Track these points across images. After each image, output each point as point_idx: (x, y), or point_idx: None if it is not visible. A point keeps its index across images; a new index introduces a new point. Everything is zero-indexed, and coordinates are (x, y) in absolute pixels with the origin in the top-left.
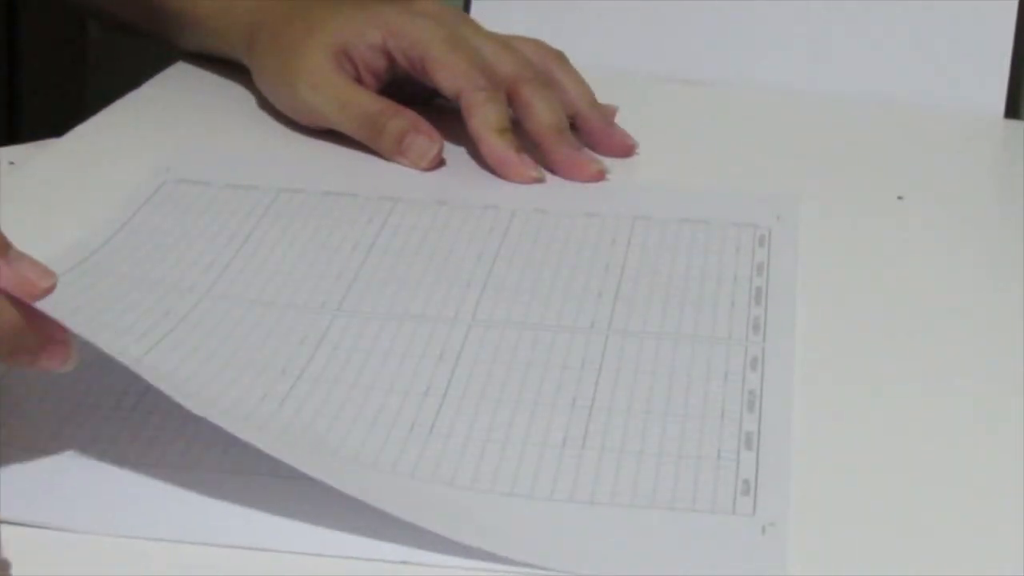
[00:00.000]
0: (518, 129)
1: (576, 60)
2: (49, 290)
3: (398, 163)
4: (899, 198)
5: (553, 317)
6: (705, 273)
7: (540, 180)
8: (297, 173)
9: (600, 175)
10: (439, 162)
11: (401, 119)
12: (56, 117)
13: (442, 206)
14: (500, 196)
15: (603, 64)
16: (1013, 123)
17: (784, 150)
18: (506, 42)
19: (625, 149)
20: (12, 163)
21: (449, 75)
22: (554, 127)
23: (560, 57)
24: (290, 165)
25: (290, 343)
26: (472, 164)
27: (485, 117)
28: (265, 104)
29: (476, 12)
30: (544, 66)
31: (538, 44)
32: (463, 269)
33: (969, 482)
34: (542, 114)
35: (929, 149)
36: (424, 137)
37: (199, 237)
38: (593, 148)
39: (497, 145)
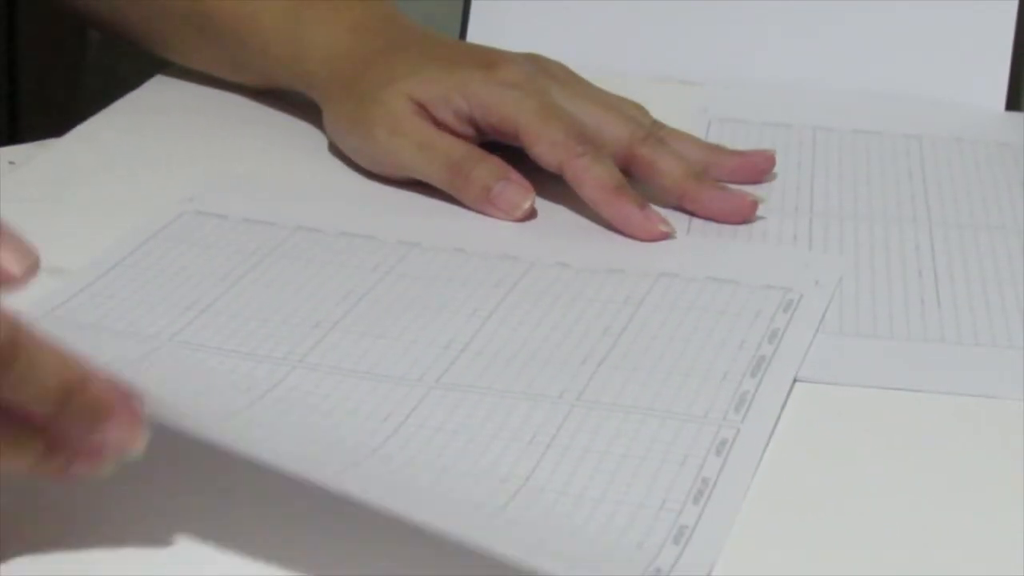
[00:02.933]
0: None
1: (575, 61)
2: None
3: (483, 213)
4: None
5: (523, 383)
6: (710, 338)
7: (671, 235)
8: (318, 209)
9: (755, 206)
10: (531, 215)
11: (490, 165)
12: (56, 117)
13: (459, 254)
14: (521, 246)
15: (602, 65)
16: (1013, 115)
17: (786, 149)
18: (603, 100)
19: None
20: (12, 163)
21: (547, 148)
22: (689, 175)
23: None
24: (311, 198)
25: (233, 394)
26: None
27: (597, 179)
28: (273, 103)
29: (476, 12)
30: (648, 123)
31: (636, 105)
32: (450, 325)
33: None
34: (670, 166)
35: (931, 141)
36: (516, 186)
37: (190, 276)
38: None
39: (619, 205)
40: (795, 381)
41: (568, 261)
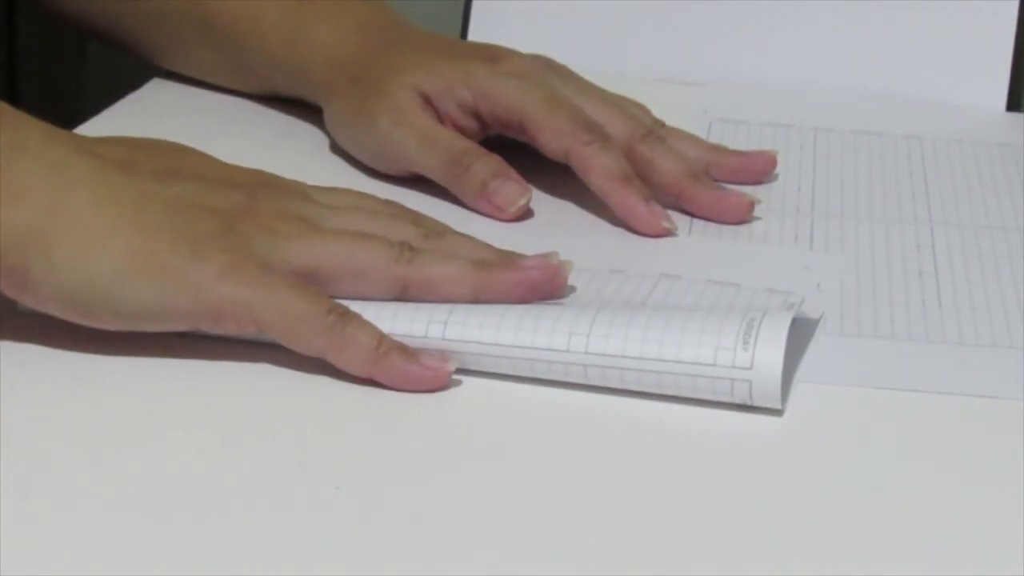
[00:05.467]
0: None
1: (575, 61)
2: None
3: (478, 209)
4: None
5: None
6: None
7: (672, 232)
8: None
9: (752, 207)
10: (525, 213)
11: (489, 161)
12: (56, 118)
13: None
14: (523, 245)
15: (602, 65)
16: (1014, 116)
17: (786, 149)
18: (606, 98)
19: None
20: None
21: (553, 136)
22: (686, 174)
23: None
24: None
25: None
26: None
27: (604, 167)
28: (274, 104)
29: (476, 12)
30: (649, 121)
31: (638, 104)
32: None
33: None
34: (668, 165)
35: (931, 141)
36: (513, 183)
37: None
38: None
39: (626, 195)
40: (795, 382)
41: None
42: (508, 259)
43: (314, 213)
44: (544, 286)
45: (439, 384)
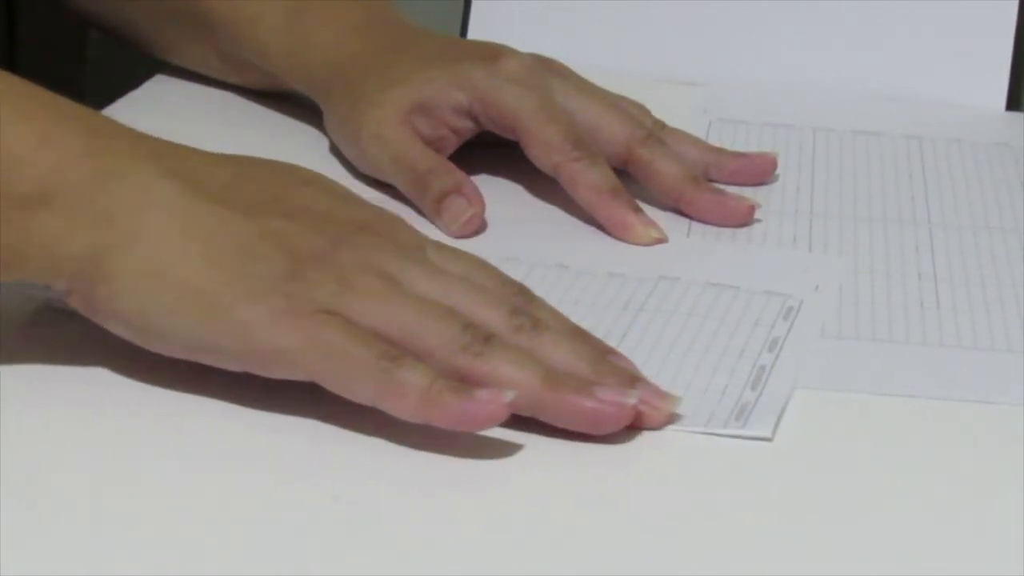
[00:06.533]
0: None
1: (575, 61)
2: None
3: (439, 227)
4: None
5: None
6: (710, 348)
7: (663, 241)
8: None
9: (752, 211)
10: (477, 228)
11: (447, 179)
12: None
13: None
14: (522, 248)
15: (602, 65)
16: (1013, 115)
17: (786, 150)
18: (605, 98)
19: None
20: None
21: (543, 150)
22: (686, 177)
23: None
24: None
25: None
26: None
27: (591, 182)
28: (274, 103)
29: (476, 12)
30: (649, 123)
31: (638, 104)
32: None
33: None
34: (668, 168)
35: (931, 141)
36: (463, 200)
37: None
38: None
39: (615, 208)
40: (794, 388)
41: (568, 263)
42: (585, 381)
43: (405, 272)
44: (611, 425)
45: (497, 419)
